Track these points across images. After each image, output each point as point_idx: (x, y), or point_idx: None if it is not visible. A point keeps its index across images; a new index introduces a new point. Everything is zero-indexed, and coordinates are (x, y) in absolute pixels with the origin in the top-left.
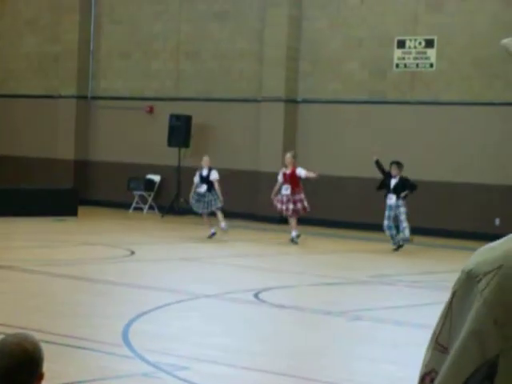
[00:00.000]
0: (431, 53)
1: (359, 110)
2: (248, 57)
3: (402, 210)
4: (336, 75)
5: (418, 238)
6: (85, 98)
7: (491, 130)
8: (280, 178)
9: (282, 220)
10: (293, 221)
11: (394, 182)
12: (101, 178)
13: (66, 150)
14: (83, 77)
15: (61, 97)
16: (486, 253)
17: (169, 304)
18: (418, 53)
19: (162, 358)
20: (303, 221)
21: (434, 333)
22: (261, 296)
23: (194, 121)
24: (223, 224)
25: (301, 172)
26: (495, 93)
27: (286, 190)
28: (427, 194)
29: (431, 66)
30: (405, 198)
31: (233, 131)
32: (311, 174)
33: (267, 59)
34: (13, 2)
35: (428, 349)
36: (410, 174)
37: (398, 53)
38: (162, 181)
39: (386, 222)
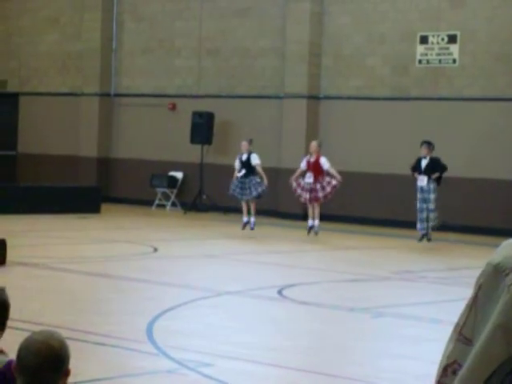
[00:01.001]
0: (454, 48)
1: (381, 106)
2: (270, 53)
3: (433, 196)
4: (358, 71)
5: (443, 234)
6: (107, 95)
7: None
8: (303, 165)
9: (305, 216)
10: (315, 209)
11: (424, 162)
12: (123, 176)
13: (88, 148)
14: (106, 74)
15: (83, 94)
16: None
17: (192, 301)
18: (441, 48)
19: (185, 355)
20: (326, 217)
21: (458, 324)
22: (284, 293)
23: (217, 118)
24: (253, 220)
25: (325, 163)
26: None
27: (309, 178)
28: (452, 190)
29: (454, 61)
30: (436, 181)
31: (255, 128)
32: (335, 175)
33: (289, 55)
34: (34, 0)
35: (450, 340)
36: None
37: (420, 48)
38: (184, 178)
39: (418, 205)
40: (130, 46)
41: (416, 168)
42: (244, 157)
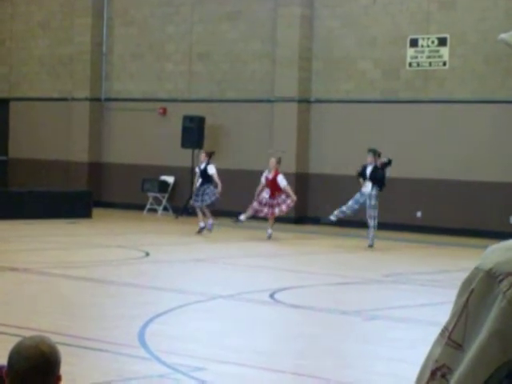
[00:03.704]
0: (444, 51)
1: (372, 110)
2: (260, 57)
3: (374, 203)
4: (349, 75)
5: (433, 237)
6: (98, 100)
7: (505, 127)
8: (263, 180)
9: (296, 220)
10: (271, 220)
11: (369, 169)
12: (115, 180)
13: (79, 153)
14: (96, 79)
15: (74, 99)
16: (505, 252)
17: (184, 305)
18: (431, 51)
19: (178, 359)
20: (316, 220)
21: (446, 329)
22: (276, 296)
23: (207, 122)
24: (211, 222)
25: (281, 181)
26: (509, 90)
27: (267, 194)
28: (441, 192)
29: (444, 64)
30: (380, 187)
31: (246, 132)
32: (290, 194)
33: (279, 59)
34: (25, 5)
35: (437, 344)
36: (424, 172)
37: (410, 51)
38: (175, 182)
39: (350, 202)
40: (121, 50)
41: (361, 174)
42: (202, 166)
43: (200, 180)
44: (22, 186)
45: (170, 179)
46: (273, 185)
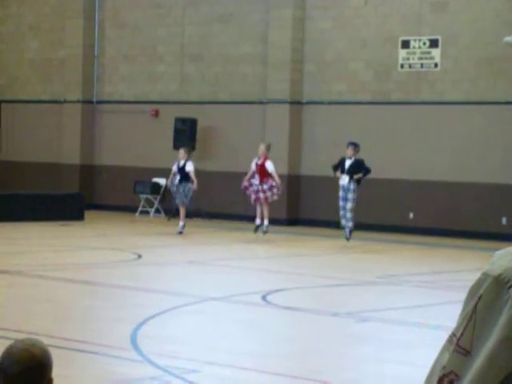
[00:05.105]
0: (436, 53)
1: (364, 111)
2: (252, 59)
3: (351, 196)
4: (340, 76)
5: (425, 238)
6: (90, 102)
7: (497, 129)
8: (253, 166)
9: (288, 222)
10: (264, 209)
11: (348, 162)
12: (107, 182)
13: (71, 155)
14: (88, 81)
15: (66, 102)
16: None
17: (176, 307)
18: (423, 53)
19: (170, 362)
20: (308, 222)
21: (454, 335)
22: (268, 298)
23: (200, 124)
24: (182, 223)
25: (269, 166)
26: (500, 92)
27: (256, 180)
28: (434, 193)
29: (436, 65)
30: (358, 181)
31: (238, 134)
32: (276, 179)
33: (271, 61)
34: (16, 7)
35: (445, 350)
36: (416, 173)
37: (402, 53)
38: (167, 184)
39: (340, 203)
40: (112, 52)
41: (338, 167)
42: (181, 163)
43: (178, 177)
44: (14, 189)
45: (162, 181)
46: (262, 170)
